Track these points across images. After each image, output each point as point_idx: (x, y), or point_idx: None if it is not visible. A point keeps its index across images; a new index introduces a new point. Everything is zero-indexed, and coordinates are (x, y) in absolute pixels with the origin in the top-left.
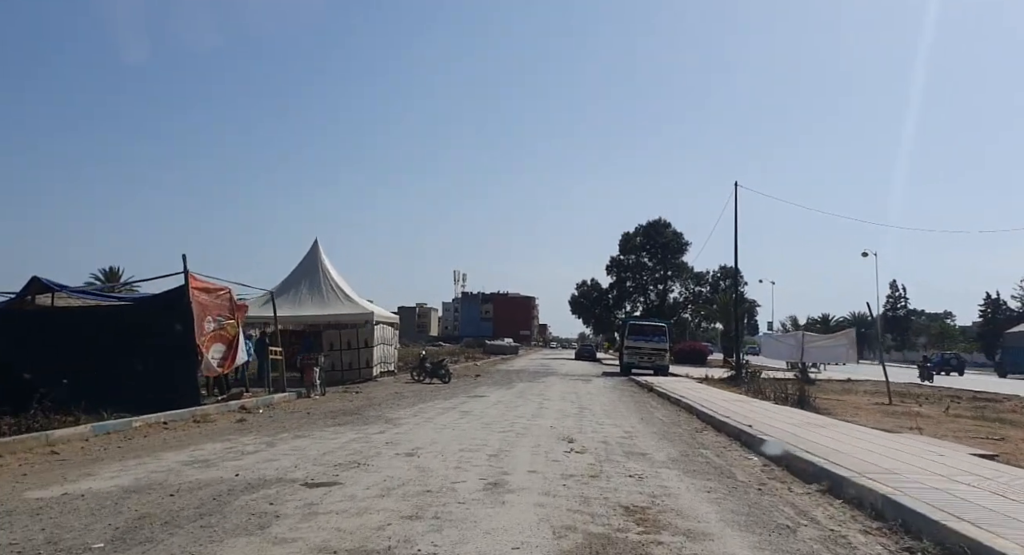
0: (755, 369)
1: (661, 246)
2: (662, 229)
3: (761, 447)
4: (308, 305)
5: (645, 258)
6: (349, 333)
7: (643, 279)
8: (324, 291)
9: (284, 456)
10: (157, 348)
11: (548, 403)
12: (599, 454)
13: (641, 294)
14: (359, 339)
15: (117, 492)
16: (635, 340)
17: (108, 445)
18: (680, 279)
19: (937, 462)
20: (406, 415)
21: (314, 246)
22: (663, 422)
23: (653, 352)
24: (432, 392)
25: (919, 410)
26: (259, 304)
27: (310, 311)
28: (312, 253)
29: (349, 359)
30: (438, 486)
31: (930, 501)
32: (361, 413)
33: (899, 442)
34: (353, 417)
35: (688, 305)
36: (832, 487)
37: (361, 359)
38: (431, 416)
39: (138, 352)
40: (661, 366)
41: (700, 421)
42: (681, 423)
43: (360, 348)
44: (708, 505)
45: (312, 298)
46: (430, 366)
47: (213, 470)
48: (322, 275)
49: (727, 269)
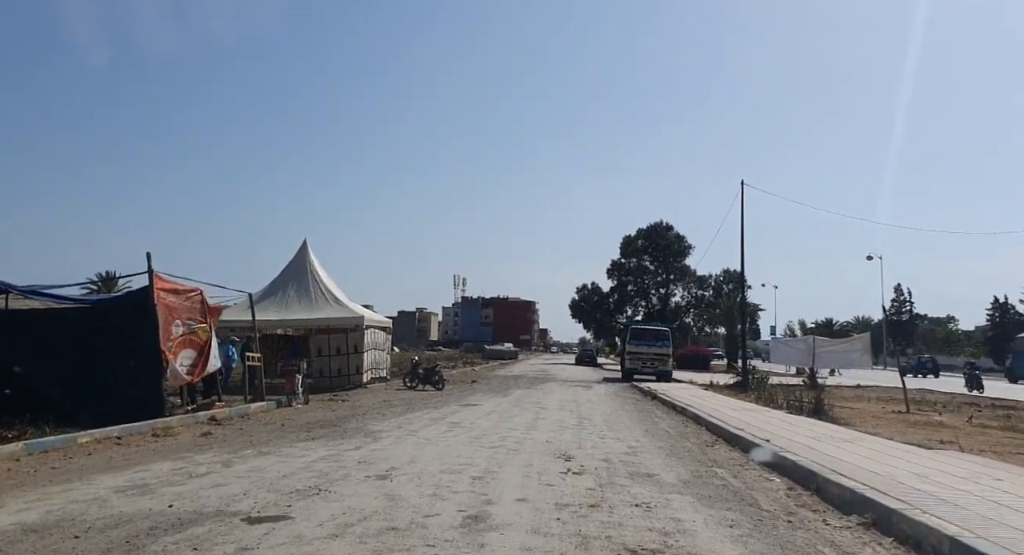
0: (762, 375)
1: (663, 249)
2: (664, 232)
3: (782, 465)
4: (296, 308)
5: (647, 261)
6: (338, 338)
7: (645, 283)
8: (313, 294)
9: (237, 480)
10: (118, 354)
11: (545, 413)
12: (600, 476)
13: (643, 298)
14: (348, 344)
15: (12, 533)
16: (637, 345)
17: (40, 466)
18: (682, 283)
19: (999, 490)
20: (389, 427)
21: (303, 247)
22: (669, 435)
23: (656, 357)
24: (423, 400)
25: (940, 419)
26: (244, 308)
27: (297, 315)
28: (301, 254)
29: (338, 365)
30: (406, 521)
31: (1017, 550)
32: (341, 425)
33: (941, 461)
34: (330, 430)
35: (691, 309)
36: (878, 520)
37: (351, 365)
38: (416, 428)
39: (97, 358)
40: (664, 372)
41: (710, 433)
42: (689, 436)
43: (350, 354)
44: (732, 546)
45: (300, 301)
46: (423, 372)
47: (146, 499)
48: (311, 277)
49: (730, 273)
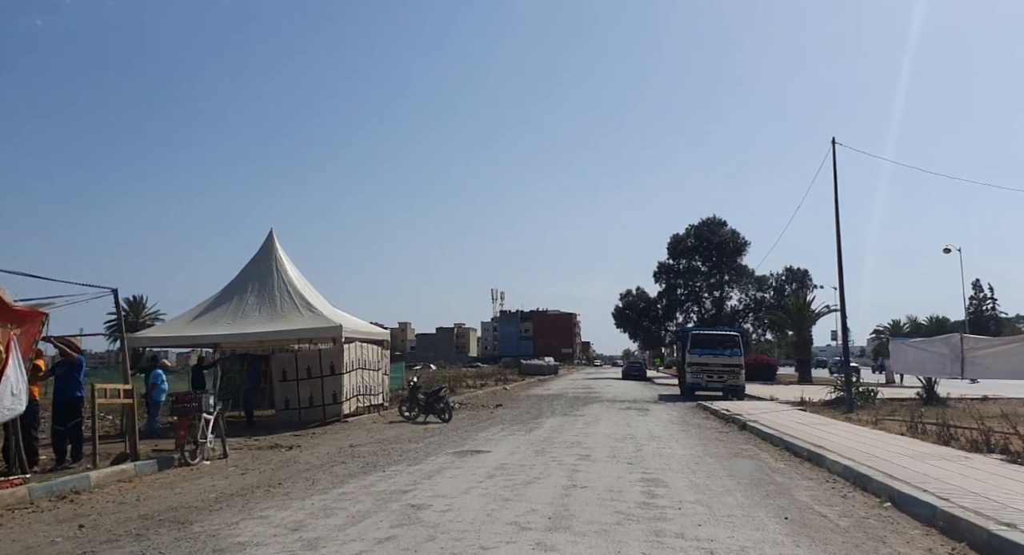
0: (866, 388)
1: (716, 247)
2: (716, 228)
3: None
4: (254, 319)
5: (698, 262)
6: (309, 357)
7: (696, 285)
8: (278, 300)
9: None
10: None
11: (587, 467)
12: None
13: (695, 303)
14: (322, 364)
15: None
16: (700, 354)
17: None
18: (739, 284)
19: None
20: (280, 526)
21: (268, 239)
22: (840, 528)
23: (724, 369)
24: (407, 443)
25: None
26: (188, 319)
27: (255, 327)
28: (266, 249)
29: (309, 392)
30: None
31: None
32: (189, 525)
33: None
34: (159, 535)
35: (749, 313)
36: None
37: (326, 391)
38: (327, 531)
39: None
40: (735, 387)
41: (922, 524)
42: (885, 534)
43: (324, 376)
44: None
45: (261, 309)
46: (423, 398)
47: None
48: (277, 278)
49: (794, 271)
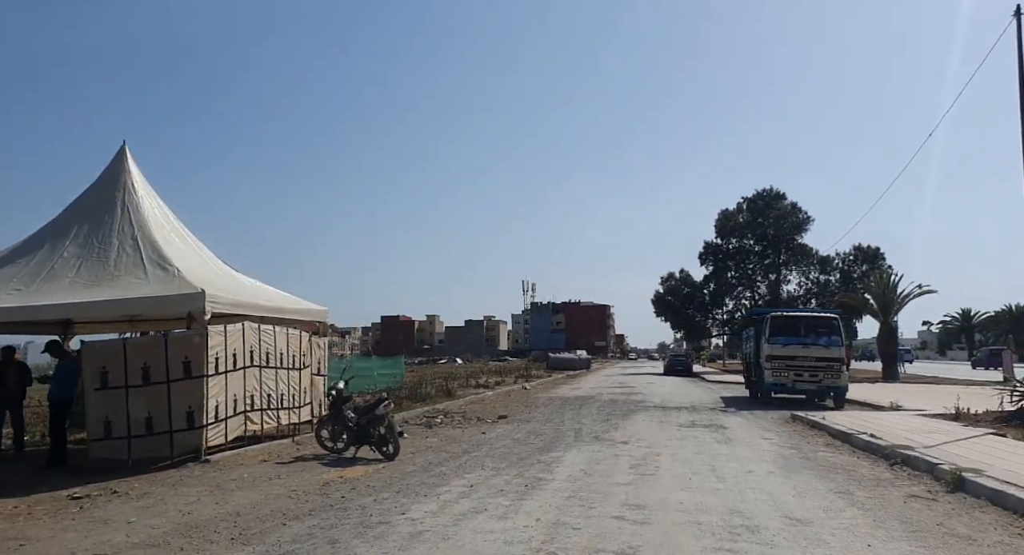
0: None
1: (773, 223)
2: (773, 202)
3: None
4: (65, 281)
5: (751, 241)
6: (145, 347)
7: (749, 268)
8: (113, 250)
9: None
10: None
11: None
12: None
13: (747, 287)
14: (169, 359)
15: None
16: (783, 344)
17: None
18: (798, 266)
19: None
20: None
21: (118, 158)
22: None
23: (820, 365)
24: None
25: None
26: None
27: (60, 295)
28: (111, 172)
29: (146, 408)
30: None
31: None
32: None
33: None
34: None
35: (812, 299)
36: None
37: (175, 408)
38: None
39: None
40: (836, 389)
41: None
42: None
43: (173, 381)
44: None
45: (81, 266)
46: (354, 418)
47: None
48: (119, 216)
49: (864, 249)
